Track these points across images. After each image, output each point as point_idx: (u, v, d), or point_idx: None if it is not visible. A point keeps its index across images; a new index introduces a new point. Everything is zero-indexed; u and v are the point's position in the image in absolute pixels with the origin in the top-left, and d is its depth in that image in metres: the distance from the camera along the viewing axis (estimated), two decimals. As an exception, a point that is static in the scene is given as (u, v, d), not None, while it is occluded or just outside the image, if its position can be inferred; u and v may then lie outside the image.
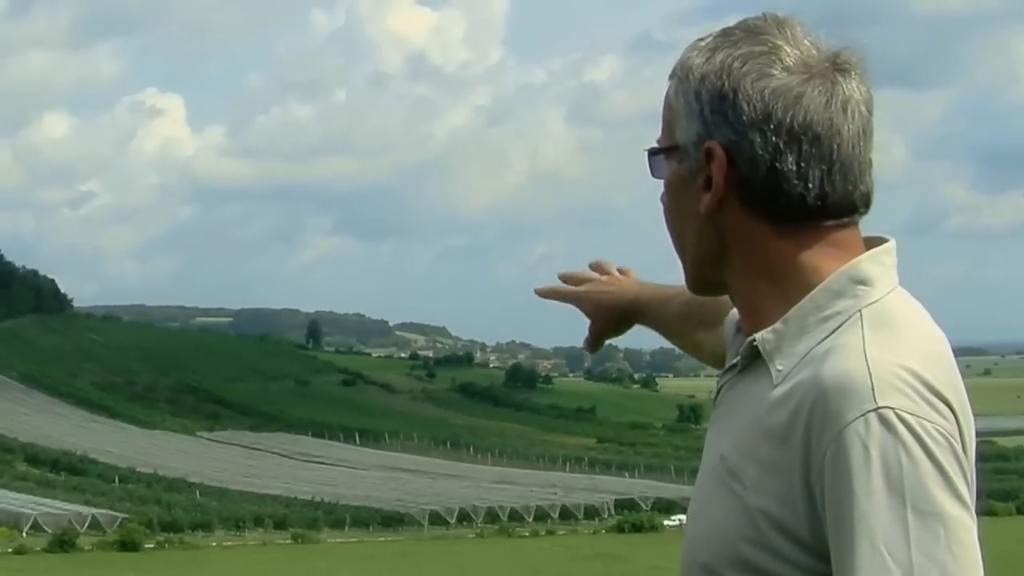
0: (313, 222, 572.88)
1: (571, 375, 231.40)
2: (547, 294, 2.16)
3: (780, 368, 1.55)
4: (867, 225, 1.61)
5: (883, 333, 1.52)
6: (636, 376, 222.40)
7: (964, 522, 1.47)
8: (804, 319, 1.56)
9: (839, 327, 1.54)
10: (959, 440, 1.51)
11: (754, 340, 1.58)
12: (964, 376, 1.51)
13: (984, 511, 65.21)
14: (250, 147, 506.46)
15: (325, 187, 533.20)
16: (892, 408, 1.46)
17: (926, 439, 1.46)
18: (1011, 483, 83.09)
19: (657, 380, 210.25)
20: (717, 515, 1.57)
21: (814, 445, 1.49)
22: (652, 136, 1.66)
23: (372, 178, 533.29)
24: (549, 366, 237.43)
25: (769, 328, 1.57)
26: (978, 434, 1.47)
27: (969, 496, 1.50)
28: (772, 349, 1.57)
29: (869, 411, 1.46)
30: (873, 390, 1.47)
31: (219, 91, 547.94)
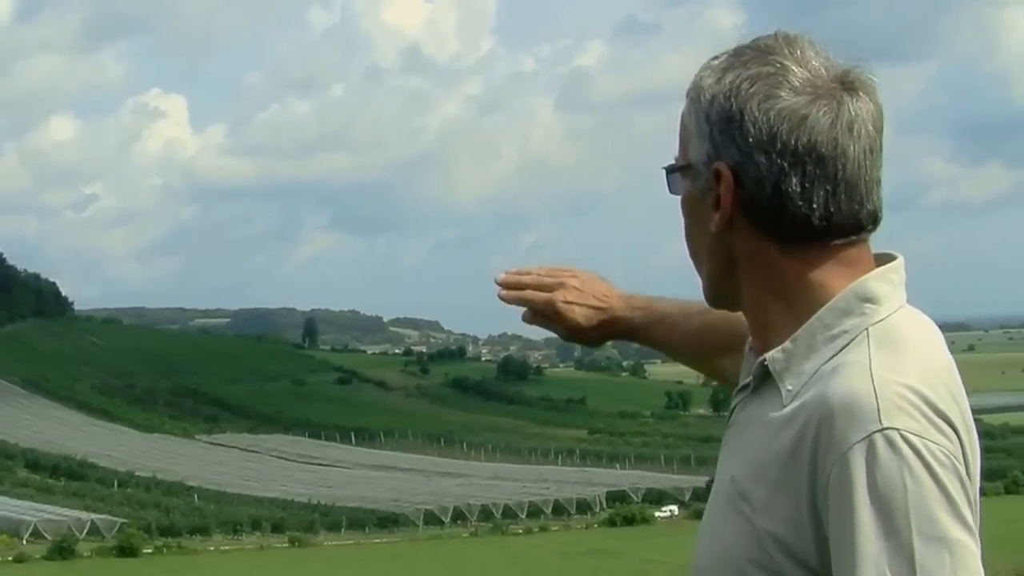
0: (310, 219, 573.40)
1: (562, 365, 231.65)
2: (511, 299, 2.09)
3: (790, 388, 1.56)
4: None
5: (889, 352, 1.53)
6: (625, 363, 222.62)
7: (969, 547, 1.47)
8: (812, 338, 1.57)
9: (846, 345, 1.55)
10: (963, 462, 1.51)
11: (764, 360, 1.59)
12: (948, 352, 1.73)
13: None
14: (250, 145, 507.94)
15: (322, 183, 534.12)
16: (897, 429, 1.46)
17: (931, 461, 1.46)
18: (998, 461, 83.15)
19: (645, 367, 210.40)
20: (727, 537, 1.58)
21: (820, 466, 1.49)
22: (640, 120, 1.89)
23: (367, 173, 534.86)
24: (540, 357, 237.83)
25: (779, 348, 1.58)
26: None
27: (973, 520, 1.50)
28: (782, 369, 1.58)
29: (874, 432, 1.46)
30: (879, 411, 1.47)
31: (220, 90, 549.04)
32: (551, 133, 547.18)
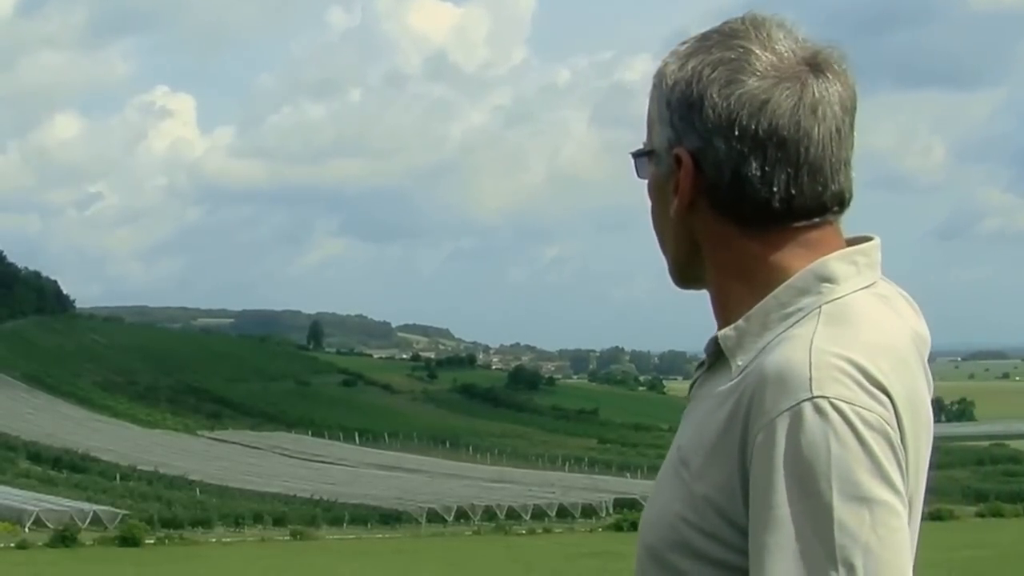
0: (320, 224, 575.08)
1: (575, 377, 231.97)
2: None
3: (740, 363, 1.58)
4: (896, 228, 2.03)
5: (836, 327, 1.54)
6: (642, 379, 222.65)
7: (892, 507, 1.48)
8: (767, 316, 1.59)
9: (798, 322, 1.57)
10: (896, 430, 1.51)
11: (717, 338, 1.62)
12: (982, 379, 1.45)
13: (992, 512, 65.83)
14: (260, 148, 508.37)
15: (336, 189, 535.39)
16: (827, 397, 1.48)
17: (859, 425, 1.48)
18: (1020, 485, 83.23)
19: (665, 383, 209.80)
20: (664, 500, 1.61)
21: (749, 433, 1.52)
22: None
23: (384, 180, 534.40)
24: (553, 368, 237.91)
25: (731, 326, 1.61)
26: (991, 437, 1.45)
27: (903, 484, 1.51)
28: (733, 345, 1.60)
29: (804, 400, 1.48)
30: (811, 380, 1.49)
31: (230, 90, 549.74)
32: (584, 147, 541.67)
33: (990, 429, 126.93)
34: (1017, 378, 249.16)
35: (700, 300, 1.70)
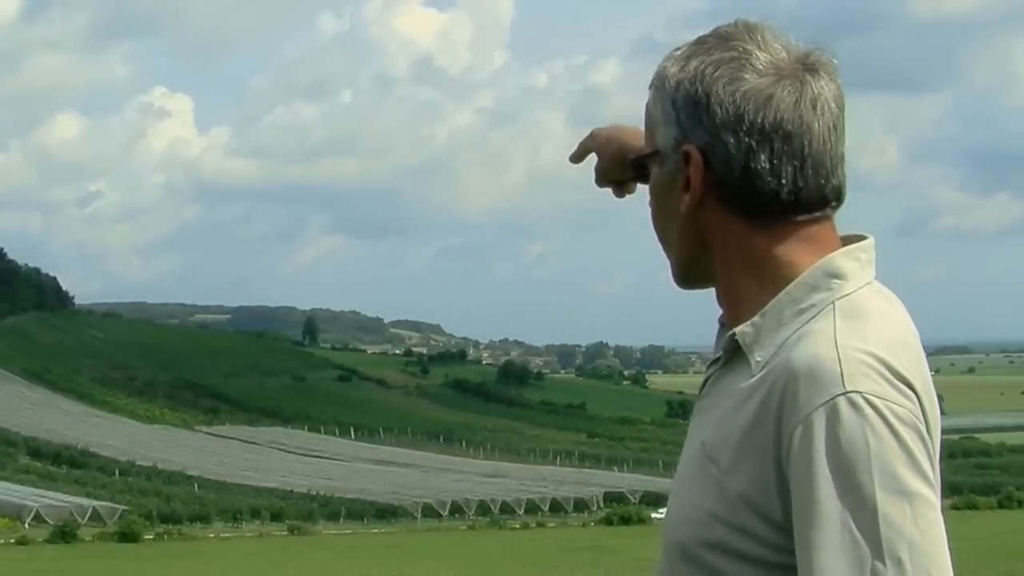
0: (313, 221, 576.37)
1: (562, 372, 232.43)
2: (577, 156, 2.19)
3: (759, 359, 1.60)
4: (858, 225, 1.69)
5: (853, 323, 1.57)
6: (626, 373, 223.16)
7: (929, 499, 1.51)
8: (781, 312, 1.61)
9: (813, 318, 1.60)
10: (923, 422, 1.55)
11: (735, 334, 1.64)
12: (948, 374, 1.98)
13: (966, 505, 66.33)
14: (255, 147, 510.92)
15: (327, 187, 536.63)
16: (860, 392, 1.50)
17: (893, 420, 1.50)
18: (992, 478, 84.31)
19: (647, 377, 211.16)
20: (693, 497, 1.62)
21: (784, 428, 1.53)
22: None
23: (373, 179, 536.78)
24: (541, 363, 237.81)
25: (748, 322, 1.63)
26: (960, 430, 1.99)
27: (933, 475, 1.54)
28: (751, 342, 1.62)
29: (838, 395, 1.50)
30: (842, 375, 1.51)
31: (226, 92, 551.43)
32: (562, 147, 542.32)
33: (960, 423, 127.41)
34: (983, 372, 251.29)
35: (678, 297, 1.87)
